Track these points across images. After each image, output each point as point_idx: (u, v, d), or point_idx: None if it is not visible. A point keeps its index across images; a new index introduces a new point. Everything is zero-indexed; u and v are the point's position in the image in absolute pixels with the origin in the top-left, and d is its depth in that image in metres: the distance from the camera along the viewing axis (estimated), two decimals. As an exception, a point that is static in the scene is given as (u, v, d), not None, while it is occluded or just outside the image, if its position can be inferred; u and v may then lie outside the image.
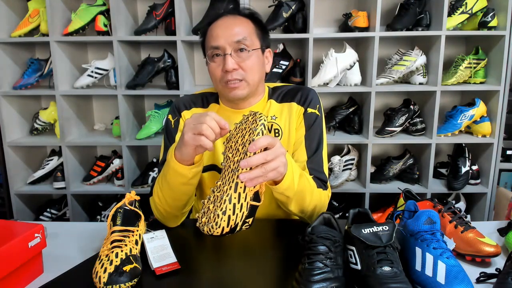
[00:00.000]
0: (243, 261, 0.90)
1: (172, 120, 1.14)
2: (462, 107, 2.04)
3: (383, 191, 2.09)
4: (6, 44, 2.06)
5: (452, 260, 0.77)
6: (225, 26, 1.03)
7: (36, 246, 0.84)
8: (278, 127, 1.12)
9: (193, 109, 1.15)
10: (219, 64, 1.03)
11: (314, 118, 1.12)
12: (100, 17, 2.02)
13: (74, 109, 2.17)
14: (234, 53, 1.02)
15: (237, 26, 1.03)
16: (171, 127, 1.13)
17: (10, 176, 2.13)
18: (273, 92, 1.17)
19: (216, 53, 1.03)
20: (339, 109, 2.16)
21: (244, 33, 1.03)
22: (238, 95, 1.06)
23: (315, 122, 1.11)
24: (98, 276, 0.77)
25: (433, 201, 1.02)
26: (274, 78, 2.06)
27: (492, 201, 2.07)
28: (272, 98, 1.15)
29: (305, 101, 1.12)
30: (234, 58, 1.01)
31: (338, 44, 2.11)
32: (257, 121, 0.81)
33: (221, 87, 1.06)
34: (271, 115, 1.13)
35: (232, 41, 1.01)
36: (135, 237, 0.87)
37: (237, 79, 1.03)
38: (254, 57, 1.04)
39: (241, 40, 1.01)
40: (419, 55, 2.02)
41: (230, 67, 1.00)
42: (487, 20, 1.94)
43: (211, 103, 1.16)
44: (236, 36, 1.01)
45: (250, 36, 1.04)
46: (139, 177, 2.16)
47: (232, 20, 1.05)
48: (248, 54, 1.03)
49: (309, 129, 1.11)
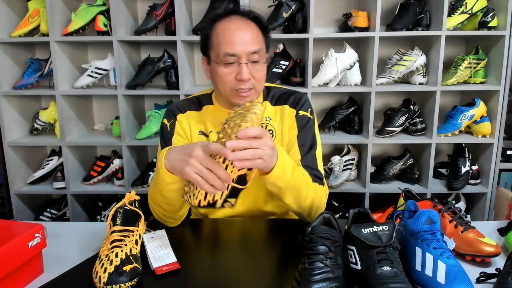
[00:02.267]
0: (243, 261, 0.90)
1: (168, 123, 1.14)
2: (462, 107, 2.04)
3: (383, 191, 2.09)
4: (6, 44, 2.06)
5: (452, 260, 0.77)
6: (240, 32, 1.02)
7: (36, 246, 0.84)
8: (272, 128, 1.14)
9: (187, 112, 1.16)
10: (232, 71, 1.03)
11: (306, 120, 1.14)
12: (100, 17, 2.02)
13: (74, 109, 2.17)
14: (249, 63, 1.03)
15: (251, 34, 1.03)
16: (167, 130, 1.14)
17: (10, 176, 2.13)
18: (268, 92, 1.19)
19: (231, 61, 1.02)
20: (339, 109, 2.16)
21: (258, 43, 1.04)
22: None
23: (307, 124, 1.13)
24: (98, 276, 0.77)
25: (433, 201, 1.02)
26: (274, 78, 2.07)
27: (492, 201, 2.07)
28: (267, 99, 1.17)
29: (297, 104, 1.15)
30: (248, 68, 1.03)
31: (338, 44, 2.11)
32: (250, 109, 0.84)
33: (230, 93, 1.07)
34: (266, 116, 1.15)
35: (249, 52, 1.01)
36: (135, 237, 0.87)
37: (248, 87, 1.04)
38: (263, 68, 1.07)
39: (256, 51, 1.02)
40: (419, 55, 2.02)
41: (246, 77, 1.02)
42: (487, 20, 1.94)
43: (204, 105, 1.17)
44: (252, 46, 1.02)
45: (262, 46, 1.05)
46: (139, 177, 2.16)
47: (245, 25, 1.04)
48: (261, 66, 1.05)
49: (301, 130, 1.13)
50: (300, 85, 2.09)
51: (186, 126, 1.15)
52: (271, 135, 1.13)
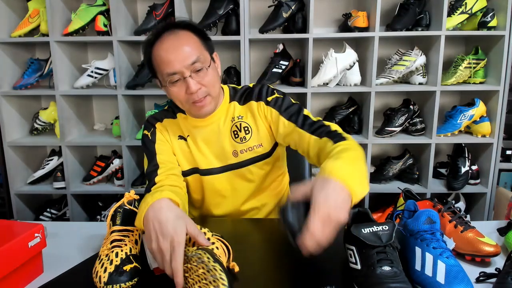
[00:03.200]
0: (242, 261, 0.90)
1: (148, 133, 1.15)
2: (462, 107, 2.04)
3: (383, 191, 2.09)
4: (6, 44, 2.06)
5: (452, 259, 0.77)
6: (173, 48, 1.01)
7: (36, 246, 0.84)
8: (246, 125, 1.14)
9: (164, 120, 1.17)
10: (180, 87, 1.03)
11: (280, 99, 1.12)
12: (100, 17, 2.02)
13: (74, 109, 2.17)
14: (193, 74, 1.02)
15: (185, 45, 1.01)
16: (148, 139, 1.14)
17: (10, 176, 2.13)
18: (234, 93, 1.18)
19: (176, 79, 1.02)
20: (339, 109, 2.16)
21: (196, 51, 1.02)
22: (208, 111, 1.08)
23: (282, 101, 1.12)
24: (99, 275, 0.77)
25: (433, 201, 1.03)
26: (273, 78, 2.07)
27: (492, 201, 2.07)
28: (235, 100, 1.17)
29: (261, 95, 1.14)
30: (194, 78, 1.02)
31: (338, 44, 2.12)
32: (207, 260, 0.71)
33: (188, 107, 1.07)
34: (237, 115, 1.15)
35: (188, 64, 1.00)
36: (134, 236, 0.88)
37: (201, 97, 1.04)
38: (211, 72, 1.05)
39: (195, 60, 1.01)
40: (419, 55, 2.02)
41: (194, 89, 1.01)
42: (486, 20, 1.94)
43: (178, 112, 1.17)
44: (190, 57, 1.00)
45: (201, 52, 1.03)
46: (139, 177, 2.16)
47: (177, 39, 1.02)
48: (206, 72, 1.03)
49: (280, 108, 1.11)
50: (300, 85, 2.09)
51: (165, 133, 1.16)
52: (248, 131, 1.13)
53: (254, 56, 2.27)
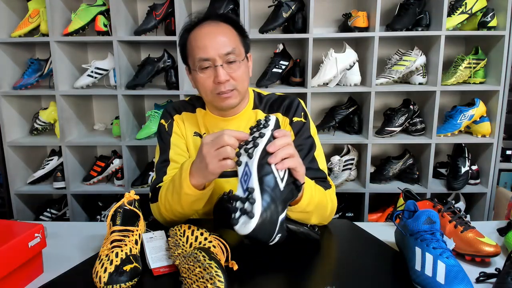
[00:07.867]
0: (242, 261, 0.90)
1: (166, 123, 1.15)
2: (462, 107, 2.04)
3: (383, 191, 2.09)
4: (6, 44, 2.06)
5: (452, 260, 0.77)
6: (211, 35, 1.02)
7: (36, 246, 0.84)
8: None
9: (183, 113, 1.17)
10: (209, 75, 1.03)
11: (301, 125, 1.13)
12: (100, 17, 2.02)
13: (74, 109, 2.17)
14: (225, 64, 1.02)
15: (223, 36, 1.02)
16: (165, 130, 1.14)
17: (10, 176, 2.13)
18: (259, 100, 1.18)
19: (206, 65, 1.02)
20: (339, 109, 2.16)
21: (232, 43, 1.03)
22: (231, 104, 1.07)
23: (302, 128, 1.12)
24: (99, 276, 0.77)
25: (432, 201, 1.03)
26: (273, 78, 2.07)
27: (492, 201, 2.07)
28: (259, 108, 1.16)
29: (289, 111, 1.14)
30: (225, 69, 1.02)
31: (338, 44, 2.12)
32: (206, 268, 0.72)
33: (212, 98, 1.06)
34: None
35: (222, 53, 1.01)
36: (134, 236, 0.88)
37: (229, 89, 1.03)
38: (243, 67, 1.05)
39: (230, 51, 1.01)
40: (419, 55, 2.02)
41: (223, 79, 1.01)
42: (486, 20, 1.94)
43: (197, 107, 1.17)
44: (225, 47, 1.01)
45: (237, 46, 1.04)
46: (139, 177, 2.16)
47: (216, 28, 1.04)
48: (238, 65, 1.04)
49: (297, 135, 1.12)
50: (300, 85, 2.09)
51: (182, 127, 1.15)
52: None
53: (254, 56, 2.26)
